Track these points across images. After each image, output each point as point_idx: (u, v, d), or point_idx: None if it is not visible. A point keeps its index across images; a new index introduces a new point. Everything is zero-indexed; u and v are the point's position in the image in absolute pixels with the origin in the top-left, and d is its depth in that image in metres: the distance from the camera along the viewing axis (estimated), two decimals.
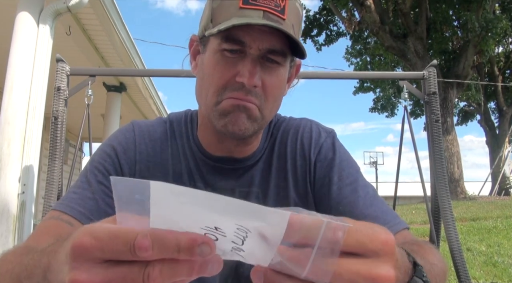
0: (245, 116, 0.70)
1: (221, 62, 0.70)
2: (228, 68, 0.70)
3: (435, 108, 1.69)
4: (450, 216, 1.57)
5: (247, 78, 0.67)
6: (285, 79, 0.75)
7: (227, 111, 0.70)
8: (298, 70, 0.83)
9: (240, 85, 0.69)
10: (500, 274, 4.16)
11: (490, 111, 18.13)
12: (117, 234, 0.33)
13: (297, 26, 0.71)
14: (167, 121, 0.86)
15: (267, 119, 0.75)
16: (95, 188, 0.74)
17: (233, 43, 0.68)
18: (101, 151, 0.80)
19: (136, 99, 6.46)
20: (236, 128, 0.70)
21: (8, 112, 2.64)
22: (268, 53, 0.69)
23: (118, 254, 0.33)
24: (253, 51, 0.68)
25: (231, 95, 0.70)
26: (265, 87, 0.70)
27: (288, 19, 0.68)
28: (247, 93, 0.69)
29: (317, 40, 17.55)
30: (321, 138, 0.84)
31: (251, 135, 0.74)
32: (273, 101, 0.73)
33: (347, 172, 0.80)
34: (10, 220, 2.54)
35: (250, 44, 0.68)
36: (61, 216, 0.70)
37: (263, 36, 0.67)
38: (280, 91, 0.74)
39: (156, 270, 0.32)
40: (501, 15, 12.70)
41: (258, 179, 0.81)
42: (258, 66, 0.69)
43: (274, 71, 0.71)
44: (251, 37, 0.67)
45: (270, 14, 0.66)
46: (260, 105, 0.71)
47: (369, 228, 0.35)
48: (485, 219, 7.17)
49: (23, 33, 2.77)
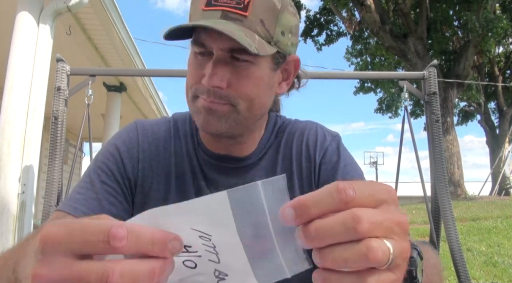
0: (214, 118, 0.71)
1: (193, 64, 0.73)
2: (197, 70, 0.72)
3: (435, 108, 1.68)
4: (450, 216, 1.57)
5: (206, 81, 0.69)
6: (261, 76, 0.72)
7: (199, 111, 0.72)
8: (297, 65, 0.80)
9: (206, 88, 0.70)
10: (500, 274, 4.16)
11: (490, 111, 18.12)
12: (91, 224, 0.32)
13: (269, 20, 0.69)
14: (171, 120, 0.87)
15: (246, 116, 0.73)
16: (98, 188, 0.75)
17: (198, 46, 0.70)
18: (105, 150, 0.81)
19: (136, 99, 6.46)
20: (208, 129, 0.73)
21: (8, 112, 2.64)
22: (233, 52, 0.68)
23: (89, 246, 0.31)
24: (215, 52, 0.69)
25: (201, 97, 0.72)
26: (233, 87, 0.70)
27: (252, 14, 0.67)
28: (210, 94, 0.70)
29: (317, 40, 17.55)
30: (326, 141, 0.84)
31: (231, 132, 0.74)
32: (248, 100, 0.72)
33: (351, 176, 0.80)
34: (10, 220, 2.54)
35: (211, 46, 0.69)
36: (66, 217, 0.70)
37: (223, 37, 0.65)
38: (256, 90, 0.72)
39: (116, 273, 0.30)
40: (501, 15, 12.69)
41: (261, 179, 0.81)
42: (222, 66, 0.69)
43: (244, 70, 0.70)
44: (211, 39, 0.68)
45: (229, 13, 0.67)
46: (233, 103, 0.71)
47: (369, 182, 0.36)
48: (485, 219, 7.17)
49: (23, 33, 2.77)
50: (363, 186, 0.34)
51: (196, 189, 0.80)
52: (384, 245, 0.32)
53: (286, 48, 0.74)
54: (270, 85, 0.76)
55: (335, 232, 0.32)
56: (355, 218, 0.32)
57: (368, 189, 0.34)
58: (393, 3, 13.95)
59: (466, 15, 12.12)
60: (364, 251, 0.32)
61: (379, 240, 0.32)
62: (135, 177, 0.79)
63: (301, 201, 0.33)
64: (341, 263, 0.32)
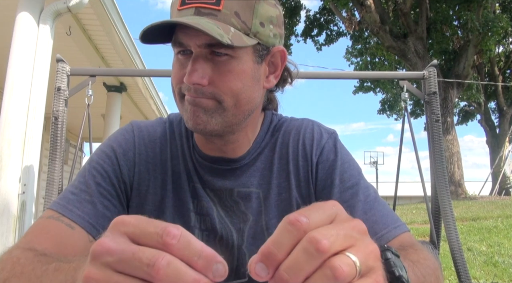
0: (200, 110, 0.70)
1: (176, 64, 0.73)
2: (179, 70, 0.72)
3: (435, 108, 1.68)
4: (451, 216, 1.57)
5: (186, 78, 0.68)
6: (244, 69, 0.70)
7: (186, 108, 0.72)
8: (284, 57, 0.78)
9: (188, 86, 0.70)
10: (501, 274, 4.16)
11: (490, 111, 18.12)
12: (155, 220, 0.35)
13: (245, 12, 0.69)
14: (167, 121, 0.86)
15: (234, 113, 0.72)
16: (93, 190, 0.74)
17: (177, 46, 0.70)
18: (101, 151, 0.80)
19: (137, 99, 6.46)
20: (195, 122, 0.71)
21: (8, 112, 2.64)
22: (211, 47, 0.67)
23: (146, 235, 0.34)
24: (193, 49, 0.68)
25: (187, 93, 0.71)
26: (215, 83, 0.69)
27: (226, 8, 0.67)
28: (194, 92, 0.69)
29: (317, 40, 17.57)
30: (323, 139, 0.83)
31: (222, 131, 0.73)
32: (233, 94, 0.70)
33: (349, 174, 0.79)
34: (11, 220, 2.55)
35: (188, 43, 0.68)
36: (61, 218, 0.70)
37: (199, 33, 0.65)
38: (240, 84, 0.70)
39: (166, 259, 0.32)
40: (501, 14, 12.67)
41: (257, 180, 0.81)
42: (201, 63, 0.68)
43: (224, 64, 0.69)
44: (187, 36, 0.68)
45: (201, 9, 0.67)
46: (218, 99, 0.70)
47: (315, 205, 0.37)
48: (485, 219, 7.16)
49: (24, 33, 2.78)
50: (311, 209, 0.35)
51: (192, 191, 0.79)
52: (346, 258, 0.33)
53: (268, 39, 0.73)
54: (256, 79, 0.74)
55: (301, 263, 0.33)
56: (313, 240, 0.33)
57: (316, 210, 0.36)
58: (393, 3, 13.95)
59: (466, 15, 12.11)
60: (330, 273, 0.32)
61: (340, 256, 0.33)
62: (131, 180, 0.78)
63: (265, 251, 0.34)
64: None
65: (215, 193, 0.80)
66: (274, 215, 0.79)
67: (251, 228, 0.79)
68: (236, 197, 0.80)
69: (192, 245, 0.33)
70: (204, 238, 0.78)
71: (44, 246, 0.63)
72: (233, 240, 0.79)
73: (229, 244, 0.79)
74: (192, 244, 0.33)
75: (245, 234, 0.79)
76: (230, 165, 0.80)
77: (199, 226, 0.79)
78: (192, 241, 0.33)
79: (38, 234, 0.67)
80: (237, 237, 0.79)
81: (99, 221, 0.71)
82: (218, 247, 0.78)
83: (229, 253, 0.79)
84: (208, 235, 0.79)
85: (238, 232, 0.79)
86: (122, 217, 0.36)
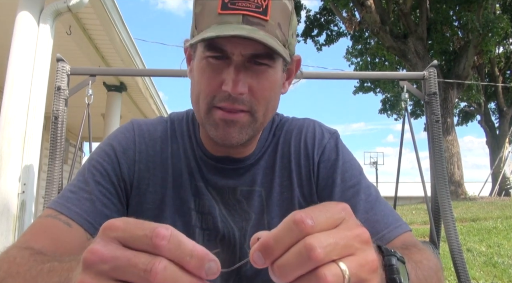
0: (235, 129, 0.70)
1: (207, 69, 0.69)
2: (214, 75, 0.69)
3: (436, 109, 1.68)
4: (450, 217, 1.57)
5: (230, 87, 0.66)
6: (277, 79, 0.72)
7: (216, 123, 0.70)
8: (299, 64, 0.81)
9: (227, 94, 0.67)
10: (500, 274, 4.15)
11: (490, 111, 18.11)
12: (144, 222, 0.34)
13: (285, 23, 0.69)
14: (168, 120, 0.86)
15: (261, 122, 0.73)
16: (92, 188, 0.73)
17: (215, 51, 0.67)
18: (100, 150, 0.79)
19: (137, 99, 6.46)
20: (228, 142, 0.71)
21: (8, 112, 2.64)
22: (254, 57, 0.67)
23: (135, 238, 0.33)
24: (236, 57, 0.66)
25: (220, 105, 0.69)
26: (253, 92, 0.69)
27: (272, 18, 0.66)
28: (234, 101, 0.68)
29: (317, 40, 17.54)
30: (324, 138, 0.83)
31: (246, 140, 0.73)
32: (265, 104, 0.71)
33: (350, 174, 0.79)
34: (10, 220, 2.55)
35: (232, 51, 0.66)
36: (58, 216, 0.69)
37: (245, 41, 0.64)
38: (272, 93, 0.72)
39: (162, 263, 0.32)
40: (502, 15, 12.67)
41: (260, 178, 0.81)
42: (243, 72, 0.67)
43: (263, 74, 0.69)
44: (232, 44, 0.66)
45: (250, 17, 0.65)
46: (251, 110, 0.70)
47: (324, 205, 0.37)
48: (485, 220, 7.16)
49: (24, 33, 2.78)
50: (319, 211, 0.35)
51: (193, 190, 0.79)
52: (336, 268, 0.33)
53: (293, 49, 0.74)
54: (280, 87, 0.76)
55: (293, 265, 0.33)
56: (308, 247, 0.33)
57: (324, 212, 0.35)
58: (393, 4, 13.95)
59: (466, 15, 12.11)
60: (315, 281, 0.33)
61: (330, 265, 0.33)
62: (130, 179, 0.78)
63: (264, 243, 0.35)
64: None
65: (218, 192, 0.80)
66: (276, 214, 0.79)
67: (253, 227, 0.79)
68: (239, 196, 0.80)
69: (183, 245, 0.33)
70: (205, 237, 0.78)
71: (41, 245, 0.63)
72: (235, 239, 0.79)
73: (231, 243, 0.79)
74: (183, 243, 0.33)
75: (247, 233, 0.79)
76: (235, 165, 0.80)
77: (200, 225, 0.78)
78: (182, 240, 0.33)
79: (36, 233, 0.67)
80: (239, 236, 0.79)
81: (97, 219, 0.71)
82: (220, 246, 0.78)
83: (231, 252, 0.79)
84: (209, 234, 0.79)
85: (241, 231, 0.79)
86: (110, 221, 0.35)
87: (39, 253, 0.58)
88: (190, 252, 0.33)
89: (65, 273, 0.46)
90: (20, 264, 0.55)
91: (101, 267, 0.33)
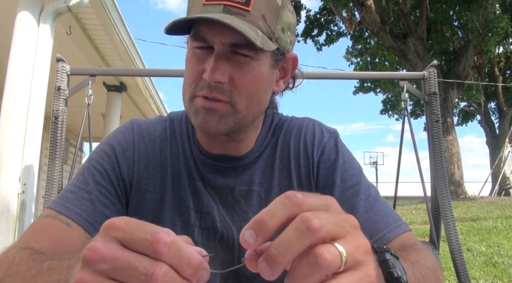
0: (214, 117, 0.70)
1: (192, 59, 0.72)
2: (197, 65, 0.71)
3: (436, 109, 1.68)
4: (450, 217, 1.57)
5: (208, 75, 0.68)
6: (261, 72, 0.71)
7: (198, 111, 0.71)
8: (295, 63, 0.80)
9: (207, 83, 0.69)
10: (500, 274, 4.15)
11: (490, 111, 18.11)
12: (146, 224, 0.34)
13: (271, 16, 0.69)
14: (167, 119, 0.86)
15: (244, 115, 0.73)
16: (92, 188, 0.73)
17: (198, 40, 0.69)
18: (100, 150, 0.79)
19: (137, 99, 6.46)
20: (206, 130, 0.71)
21: (8, 112, 2.64)
22: (234, 47, 0.68)
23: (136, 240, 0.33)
24: (217, 46, 0.68)
25: (200, 93, 0.70)
26: (234, 82, 0.69)
27: (254, 9, 0.67)
28: (213, 89, 0.69)
29: (317, 40, 17.54)
30: (324, 138, 0.83)
31: (230, 131, 0.73)
32: (248, 96, 0.71)
33: (350, 174, 0.79)
34: (10, 220, 2.55)
35: (213, 40, 0.68)
36: (58, 216, 0.69)
37: (226, 30, 0.65)
38: (256, 86, 0.72)
39: (163, 269, 0.32)
40: (502, 15, 12.67)
41: (259, 178, 0.81)
42: (224, 61, 0.68)
43: (245, 65, 0.69)
44: (212, 33, 0.67)
45: (231, 7, 0.66)
46: (231, 101, 0.70)
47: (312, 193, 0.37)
48: (485, 220, 7.16)
49: (24, 33, 2.78)
50: (308, 194, 0.36)
51: (192, 189, 0.79)
52: (332, 247, 0.33)
53: (285, 45, 0.74)
54: (269, 82, 0.75)
55: (291, 240, 0.33)
56: (305, 219, 0.33)
57: (313, 195, 0.36)
58: (393, 3, 13.95)
59: (466, 15, 12.11)
60: (313, 260, 0.33)
61: (326, 245, 0.33)
62: (130, 179, 0.78)
63: (257, 219, 0.34)
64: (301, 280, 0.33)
65: (216, 191, 0.80)
66: None
67: None
68: (237, 195, 0.80)
69: (182, 253, 0.33)
70: (204, 236, 0.78)
71: (41, 245, 0.63)
72: (234, 239, 0.79)
73: (230, 242, 0.78)
74: (183, 251, 0.34)
75: None
76: (232, 163, 0.80)
77: (199, 224, 0.78)
78: (182, 248, 0.34)
79: (35, 233, 0.67)
80: (238, 235, 0.79)
81: (97, 219, 0.71)
82: (218, 245, 0.78)
83: (229, 251, 0.79)
84: (208, 233, 0.78)
85: (239, 230, 0.79)
86: (112, 220, 0.35)
87: (39, 253, 0.58)
88: (188, 261, 0.33)
89: (64, 270, 0.46)
90: (19, 264, 0.55)
91: (100, 266, 0.33)
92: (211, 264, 0.36)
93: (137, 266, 0.32)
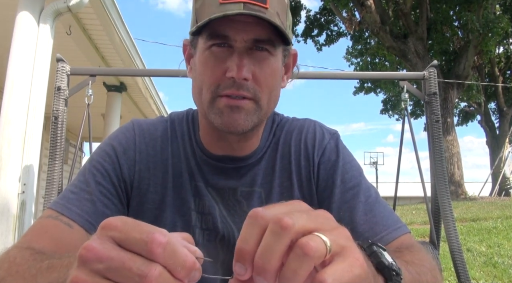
0: (240, 115, 0.70)
1: (211, 58, 0.71)
2: (217, 64, 0.70)
3: (436, 109, 1.68)
4: (450, 217, 1.57)
5: (235, 72, 0.67)
6: (278, 68, 0.73)
7: (221, 111, 0.70)
8: (295, 59, 0.82)
9: (231, 81, 0.69)
10: (500, 275, 4.15)
11: (490, 111, 18.11)
12: (142, 224, 0.35)
13: (282, 14, 0.71)
14: (168, 120, 0.86)
15: (265, 111, 0.74)
16: (93, 188, 0.73)
17: (217, 39, 0.69)
18: (101, 150, 0.79)
19: (137, 99, 6.46)
20: (233, 128, 0.71)
21: (8, 112, 2.64)
22: (255, 43, 0.69)
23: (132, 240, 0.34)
24: (239, 43, 0.68)
25: (225, 93, 0.70)
26: (257, 78, 0.70)
27: (271, 7, 0.68)
28: (239, 87, 0.69)
29: (317, 40, 17.55)
30: (324, 139, 0.83)
31: (252, 129, 0.74)
32: (268, 91, 0.72)
33: (350, 175, 0.79)
34: (10, 220, 2.55)
35: (235, 37, 0.68)
36: (59, 217, 0.69)
37: (247, 27, 0.66)
38: (274, 81, 0.73)
39: (157, 270, 0.33)
40: (502, 15, 12.67)
41: (260, 179, 0.81)
42: (246, 58, 0.69)
43: (265, 60, 0.71)
44: (234, 30, 0.68)
45: (250, 5, 0.66)
46: (255, 97, 0.71)
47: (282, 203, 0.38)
48: (485, 220, 7.16)
49: (24, 33, 2.78)
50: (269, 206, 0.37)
51: (193, 190, 0.79)
52: (315, 236, 0.34)
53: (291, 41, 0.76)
54: (281, 78, 0.77)
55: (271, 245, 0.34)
56: (277, 220, 0.34)
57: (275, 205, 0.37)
58: (393, 4, 13.95)
59: (466, 15, 12.11)
60: (300, 251, 0.33)
61: (308, 235, 0.34)
62: (131, 179, 0.78)
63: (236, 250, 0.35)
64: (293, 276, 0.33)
65: (218, 192, 0.80)
66: None
67: None
68: (239, 196, 0.80)
69: (177, 255, 0.34)
70: (205, 237, 0.78)
71: (42, 245, 0.63)
72: (235, 240, 0.78)
73: (231, 243, 0.78)
74: (178, 253, 0.34)
75: None
76: (235, 164, 0.80)
77: (200, 225, 0.78)
78: (177, 250, 0.34)
79: (37, 234, 0.67)
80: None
81: (98, 220, 0.70)
82: (219, 246, 0.78)
83: (230, 252, 0.79)
84: (209, 234, 0.78)
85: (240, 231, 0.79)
86: (109, 220, 0.35)
87: (39, 252, 0.59)
88: (183, 263, 0.34)
89: (64, 269, 0.46)
90: (20, 264, 0.55)
91: (96, 265, 0.33)
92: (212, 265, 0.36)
93: (131, 267, 0.33)
